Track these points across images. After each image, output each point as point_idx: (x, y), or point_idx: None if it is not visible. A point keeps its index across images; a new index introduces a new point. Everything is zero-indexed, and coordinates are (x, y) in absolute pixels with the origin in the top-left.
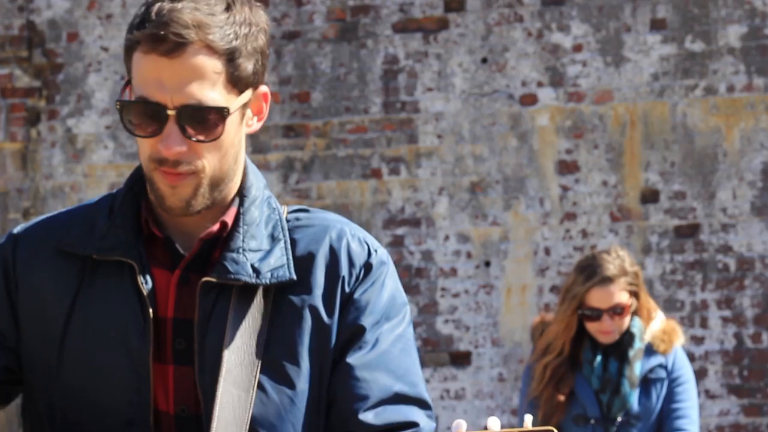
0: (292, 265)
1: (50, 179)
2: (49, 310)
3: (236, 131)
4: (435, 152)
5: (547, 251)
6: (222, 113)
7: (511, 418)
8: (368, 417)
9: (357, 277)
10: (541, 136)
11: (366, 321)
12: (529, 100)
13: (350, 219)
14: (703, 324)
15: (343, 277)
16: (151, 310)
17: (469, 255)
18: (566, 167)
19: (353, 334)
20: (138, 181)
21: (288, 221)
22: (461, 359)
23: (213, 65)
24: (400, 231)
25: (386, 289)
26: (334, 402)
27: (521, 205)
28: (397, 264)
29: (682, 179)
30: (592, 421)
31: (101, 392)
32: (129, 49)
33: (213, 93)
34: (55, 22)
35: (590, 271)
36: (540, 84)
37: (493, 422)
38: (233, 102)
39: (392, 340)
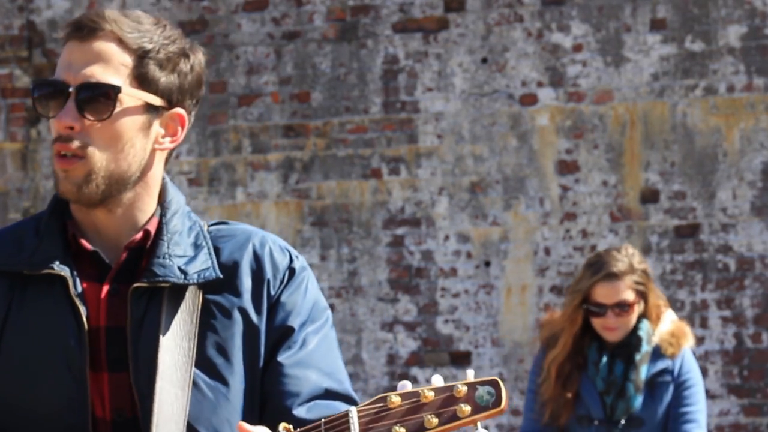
0: (217, 267)
1: (50, 179)
2: None
3: (136, 132)
4: (435, 152)
5: (547, 251)
6: (114, 91)
7: (511, 418)
8: (301, 412)
9: (281, 281)
10: (541, 136)
11: (294, 322)
12: (529, 100)
13: (350, 219)
14: (703, 324)
15: (269, 281)
16: (85, 319)
17: (469, 255)
18: (566, 167)
19: (282, 335)
20: (61, 201)
21: (210, 233)
22: (461, 359)
23: (121, 57)
24: (400, 231)
25: (309, 293)
26: (267, 399)
27: (521, 205)
28: (397, 264)
29: (682, 179)
30: (596, 423)
31: (39, 401)
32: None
33: (114, 78)
34: (55, 22)
35: (597, 266)
36: (540, 84)
37: (437, 379)
38: (132, 92)
39: (318, 340)
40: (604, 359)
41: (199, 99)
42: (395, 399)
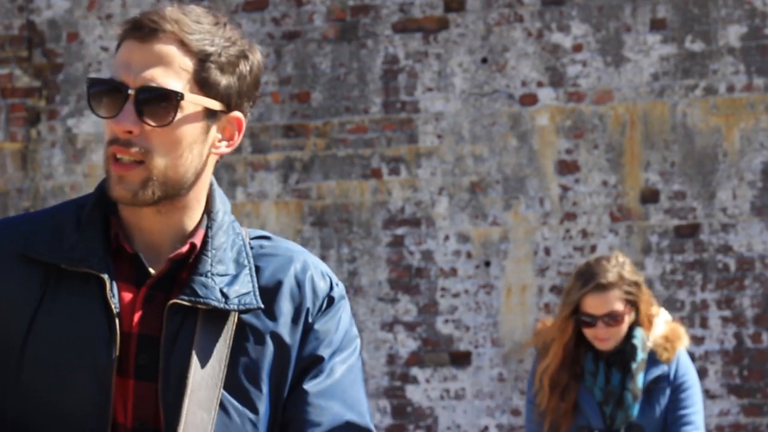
0: (257, 292)
1: (50, 179)
2: (10, 315)
3: (196, 137)
4: (435, 152)
5: (547, 251)
6: (176, 98)
7: (511, 418)
8: None
9: (319, 309)
10: (541, 136)
11: (324, 351)
12: (529, 100)
13: (350, 219)
14: (703, 324)
15: (308, 309)
16: (118, 325)
17: (469, 255)
18: (566, 167)
19: (311, 363)
20: (106, 194)
21: (252, 248)
22: (461, 359)
23: (182, 60)
24: (400, 231)
25: (342, 322)
26: (288, 426)
27: (521, 205)
28: (397, 264)
29: (682, 179)
30: None
31: (61, 401)
32: (117, 47)
33: (175, 82)
34: (55, 22)
35: (587, 277)
36: (540, 84)
37: None
38: (193, 98)
39: (345, 370)
40: (601, 369)
41: (256, 100)
42: None
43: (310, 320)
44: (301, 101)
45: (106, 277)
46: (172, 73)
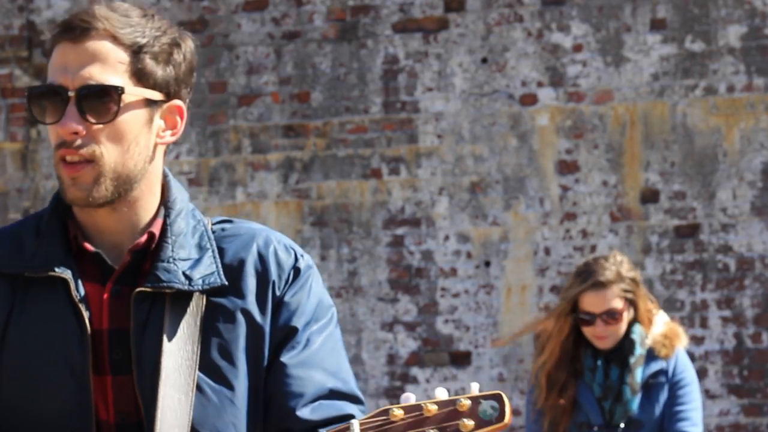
0: (221, 271)
1: (50, 179)
2: None
3: (140, 129)
4: (435, 152)
5: (547, 251)
6: (117, 92)
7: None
8: (306, 413)
9: (286, 281)
10: (541, 136)
11: (298, 322)
12: (529, 100)
13: (350, 219)
14: (703, 324)
15: (274, 282)
16: (88, 322)
17: (469, 255)
18: (566, 167)
19: (286, 335)
20: (62, 200)
21: (214, 232)
22: (461, 359)
23: (117, 54)
24: (400, 231)
25: (314, 292)
26: (270, 400)
27: (521, 205)
28: (397, 264)
29: (682, 179)
30: (596, 428)
31: (42, 406)
32: (50, 52)
33: (113, 77)
34: (55, 22)
35: (585, 275)
36: (540, 84)
37: (441, 392)
38: (133, 90)
39: (322, 339)
40: (600, 365)
41: (192, 87)
42: (398, 412)
43: (278, 293)
44: (301, 101)
45: (69, 276)
46: (109, 69)
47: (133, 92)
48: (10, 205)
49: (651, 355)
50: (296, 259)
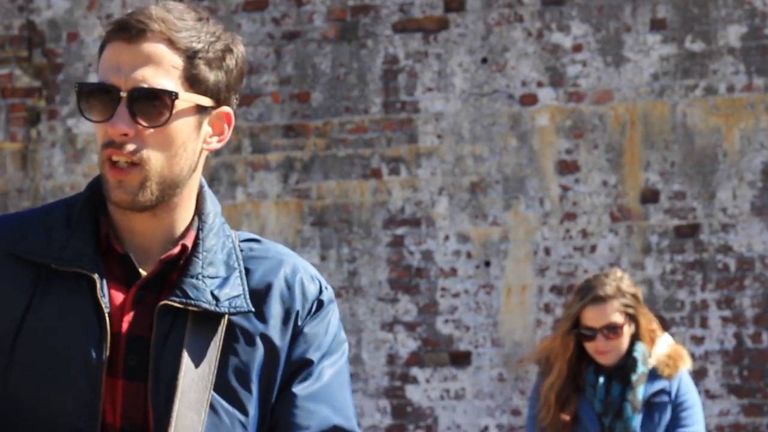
0: (248, 295)
1: (50, 179)
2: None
3: (189, 134)
4: (435, 152)
5: (547, 251)
6: (170, 97)
7: (511, 418)
8: None
9: (309, 312)
10: (541, 136)
11: (314, 355)
12: (529, 100)
13: (350, 219)
14: (703, 324)
15: (298, 312)
16: (108, 325)
17: (469, 255)
18: (566, 167)
19: (300, 366)
20: (96, 192)
21: (242, 250)
22: (461, 359)
23: (171, 58)
24: (400, 231)
25: (332, 325)
26: (275, 428)
27: (521, 205)
28: (397, 264)
29: (682, 179)
30: None
31: (50, 402)
32: (101, 49)
33: (166, 81)
34: (55, 22)
35: (585, 291)
36: (540, 84)
37: None
38: (186, 96)
39: (333, 374)
40: (601, 381)
41: (240, 93)
42: None
43: (299, 323)
44: (301, 101)
45: (96, 276)
46: (163, 73)
47: (186, 98)
48: (10, 205)
49: (654, 375)
50: (321, 291)
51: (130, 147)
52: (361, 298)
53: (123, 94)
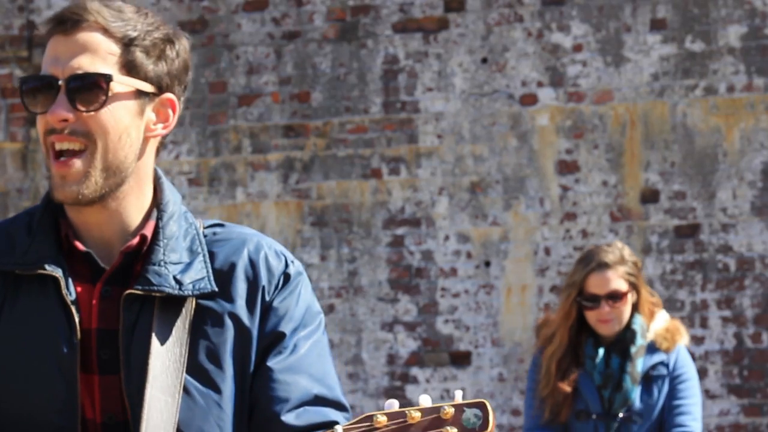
0: (212, 277)
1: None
2: None
3: (131, 120)
4: (435, 152)
5: (547, 251)
6: (105, 80)
7: (511, 418)
8: (290, 418)
9: (276, 287)
10: (541, 136)
11: (285, 327)
12: (529, 100)
13: (350, 219)
14: (703, 324)
15: (263, 287)
16: (77, 321)
17: (469, 255)
18: (566, 167)
19: (273, 340)
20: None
21: (205, 236)
22: (461, 359)
23: (107, 45)
24: (400, 231)
25: (302, 298)
26: (256, 404)
27: (521, 205)
28: (397, 264)
29: (682, 179)
30: (594, 417)
31: (28, 403)
32: (46, 47)
33: (103, 68)
34: None
35: (589, 259)
36: (540, 84)
37: (424, 399)
38: (122, 79)
39: (309, 345)
40: (600, 353)
41: (187, 85)
42: (381, 418)
43: (267, 298)
44: (301, 101)
45: (60, 275)
46: (99, 59)
47: (123, 81)
48: (10, 205)
49: (652, 348)
50: (286, 265)
51: (72, 132)
52: (361, 298)
53: (61, 83)
